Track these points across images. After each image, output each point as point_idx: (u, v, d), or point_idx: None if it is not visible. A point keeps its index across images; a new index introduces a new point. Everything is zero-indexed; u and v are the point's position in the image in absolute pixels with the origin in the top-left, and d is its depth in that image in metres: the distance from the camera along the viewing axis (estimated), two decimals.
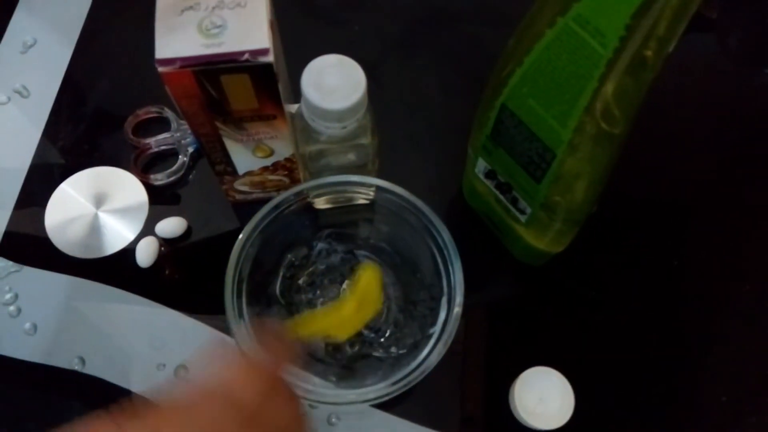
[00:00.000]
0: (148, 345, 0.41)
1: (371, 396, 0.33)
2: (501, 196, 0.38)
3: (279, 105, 0.33)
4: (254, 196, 0.43)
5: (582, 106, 0.28)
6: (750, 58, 0.52)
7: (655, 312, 0.42)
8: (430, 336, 0.35)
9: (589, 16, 0.25)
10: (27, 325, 0.41)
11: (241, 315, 0.35)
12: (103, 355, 0.40)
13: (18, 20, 0.52)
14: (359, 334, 0.39)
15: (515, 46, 0.30)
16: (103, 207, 0.44)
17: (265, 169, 0.39)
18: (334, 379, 0.37)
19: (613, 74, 0.25)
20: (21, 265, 0.43)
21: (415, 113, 0.48)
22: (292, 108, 0.37)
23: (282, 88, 0.32)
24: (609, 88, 0.26)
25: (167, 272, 0.43)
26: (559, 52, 0.27)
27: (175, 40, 0.29)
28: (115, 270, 0.43)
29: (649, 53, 0.24)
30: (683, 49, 0.26)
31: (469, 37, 0.50)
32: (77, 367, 0.40)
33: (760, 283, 0.43)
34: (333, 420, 0.39)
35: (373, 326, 0.39)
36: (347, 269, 0.40)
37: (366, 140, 0.36)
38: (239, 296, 0.35)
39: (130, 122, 0.46)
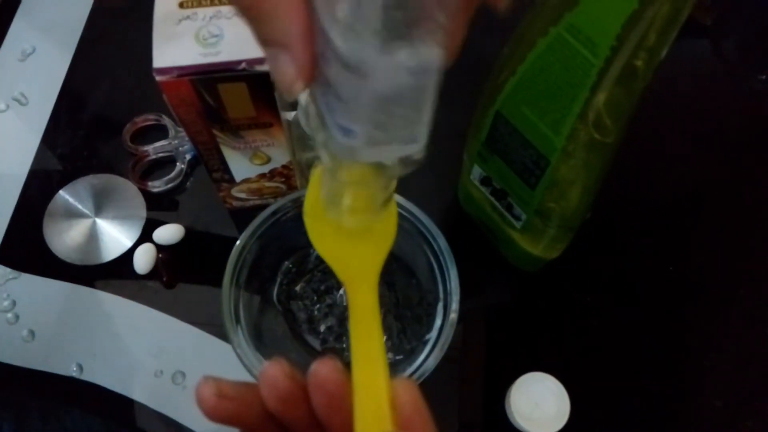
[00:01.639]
0: (146, 352, 0.41)
1: None
2: (496, 203, 0.39)
3: (276, 113, 0.33)
4: (251, 202, 0.43)
5: (575, 114, 0.28)
6: (744, 64, 0.52)
7: (650, 317, 0.42)
8: (426, 342, 0.36)
9: (581, 26, 0.25)
10: (25, 332, 0.41)
11: (238, 321, 0.35)
12: (101, 361, 0.41)
13: (17, 28, 0.52)
14: None
15: (509, 54, 0.30)
16: (101, 214, 0.44)
17: (263, 176, 0.40)
18: None
19: (605, 83, 0.26)
20: (19, 272, 0.43)
21: None
22: (289, 116, 0.37)
23: (278, 96, 0.33)
24: (601, 97, 0.26)
25: (165, 279, 0.43)
26: (552, 61, 0.27)
27: (173, 49, 0.30)
28: (113, 277, 0.43)
29: (639, 62, 0.25)
30: (677, 55, 0.26)
31: (466, 44, 0.50)
32: (75, 374, 0.40)
33: (754, 287, 0.43)
34: None
35: None
36: None
37: None
38: (236, 302, 0.36)
39: (128, 130, 0.46)
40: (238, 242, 0.36)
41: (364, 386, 0.21)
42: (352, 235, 0.26)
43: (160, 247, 0.43)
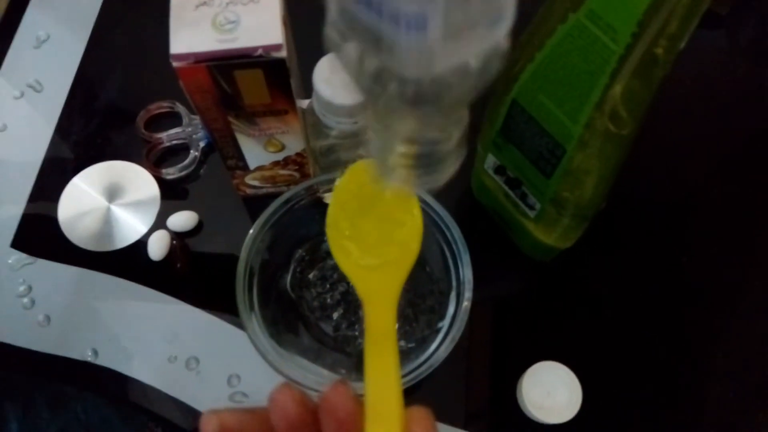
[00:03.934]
0: (160, 337, 0.41)
1: None
2: (510, 192, 0.39)
3: (291, 100, 0.33)
4: (265, 190, 0.43)
5: (593, 102, 0.28)
6: (760, 55, 0.51)
7: (663, 307, 0.42)
8: (438, 330, 0.36)
9: (601, 12, 0.25)
10: (40, 317, 0.42)
11: (252, 308, 0.35)
12: (116, 346, 0.41)
13: (31, 15, 0.52)
14: None
15: (527, 41, 0.30)
16: (116, 201, 0.45)
17: (276, 163, 0.40)
18: (343, 371, 0.37)
19: (625, 70, 0.26)
20: (34, 258, 0.44)
21: None
22: (304, 103, 0.37)
23: (294, 83, 0.33)
24: (620, 85, 0.26)
25: (179, 265, 0.43)
26: (571, 48, 0.27)
27: (190, 35, 0.30)
28: (128, 263, 0.43)
29: (660, 50, 0.25)
30: (692, 46, 0.26)
31: None
32: (90, 359, 0.41)
33: None
34: None
35: None
36: None
37: None
38: (250, 290, 0.36)
39: (142, 117, 0.47)
40: (251, 230, 0.36)
41: (378, 415, 0.20)
42: (375, 248, 0.25)
43: (174, 234, 0.44)
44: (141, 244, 0.43)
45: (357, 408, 0.20)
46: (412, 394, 0.39)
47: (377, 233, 0.26)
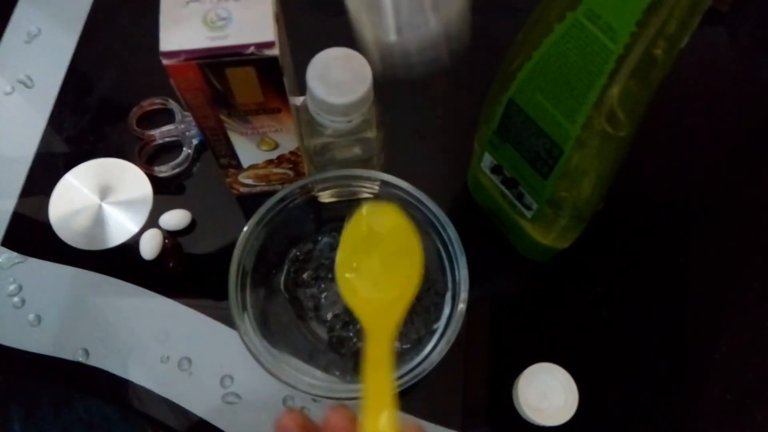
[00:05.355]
0: (152, 337, 0.41)
1: None
2: (507, 192, 0.38)
3: (284, 98, 0.33)
4: (259, 189, 0.43)
5: (591, 102, 0.27)
6: (761, 52, 0.51)
7: (660, 309, 0.42)
8: (434, 332, 0.35)
9: (599, 11, 0.24)
10: (31, 316, 0.41)
11: (245, 308, 0.35)
12: (108, 346, 0.41)
13: (22, 10, 0.51)
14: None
15: (524, 40, 0.30)
16: (108, 198, 0.44)
17: (270, 162, 0.39)
18: (337, 373, 0.37)
19: (623, 70, 0.25)
20: (25, 257, 0.43)
21: (421, 107, 0.48)
22: (297, 101, 0.37)
23: (287, 81, 0.32)
24: (619, 85, 0.26)
25: (171, 264, 0.42)
26: (569, 47, 0.27)
27: (180, 32, 0.29)
28: (119, 262, 0.43)
29: (659, 51, 0.24)
30: (692, 42, 0.25)
31: (478, 30, 0.49)
32: (81, 359, 0.40)
33: (766, 280, 0.43)
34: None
35: None
36: None
37: (371, 134, 0.36)
38: (243, 289, 0.35)
39: (135, 114, 0.46)
40: (245, 229, 0.35)
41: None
42: (379, 284, 0.30)
43: (166, 233, 0.43)
44: (133, 243, 0.43)
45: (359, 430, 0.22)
46: (407, 395, 0.38)
47: (382, 270, 0.30)
